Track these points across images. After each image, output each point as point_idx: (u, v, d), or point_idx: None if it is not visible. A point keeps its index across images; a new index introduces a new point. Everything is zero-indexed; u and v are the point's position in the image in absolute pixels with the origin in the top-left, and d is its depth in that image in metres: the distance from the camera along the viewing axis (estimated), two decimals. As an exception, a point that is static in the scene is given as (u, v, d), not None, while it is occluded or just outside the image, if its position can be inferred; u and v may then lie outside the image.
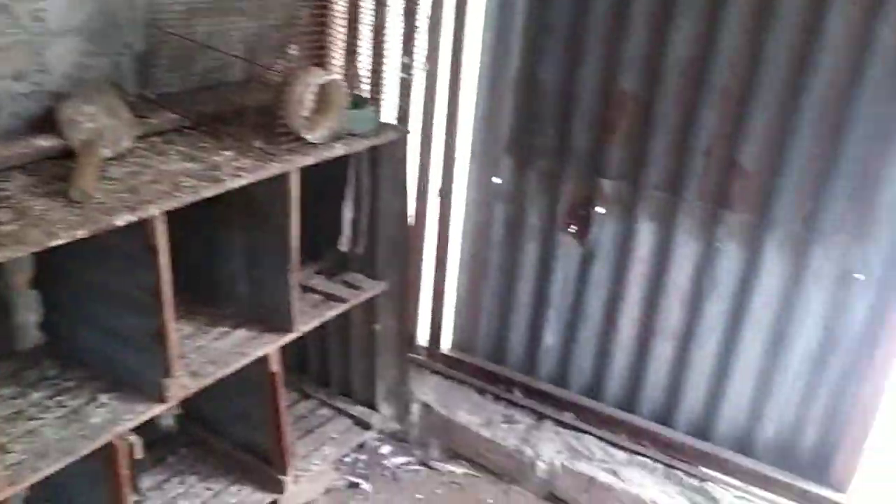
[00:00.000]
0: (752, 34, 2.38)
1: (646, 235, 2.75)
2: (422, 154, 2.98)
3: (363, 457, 3.03)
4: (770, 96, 2.40)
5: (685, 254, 2.70)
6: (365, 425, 3.00)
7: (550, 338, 3.05)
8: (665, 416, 2.91)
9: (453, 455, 3.07)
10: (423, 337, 3.28)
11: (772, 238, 2.55)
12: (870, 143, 2.32)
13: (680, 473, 2.79)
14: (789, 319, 2.61)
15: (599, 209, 2.79)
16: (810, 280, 2.54)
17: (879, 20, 2.20)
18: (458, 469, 3.02)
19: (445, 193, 3.00)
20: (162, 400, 2.09)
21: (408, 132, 2.74)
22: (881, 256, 2.42)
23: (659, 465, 2.83)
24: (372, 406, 3.06)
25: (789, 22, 2.32)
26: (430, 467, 3.03)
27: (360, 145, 2.50)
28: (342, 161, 2.62)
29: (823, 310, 2.56)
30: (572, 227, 2.87)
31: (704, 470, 2.79)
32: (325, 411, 3.04)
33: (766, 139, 2.45)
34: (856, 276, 2.47)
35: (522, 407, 3.07)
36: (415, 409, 3.11)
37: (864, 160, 2.35)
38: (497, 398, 3.13)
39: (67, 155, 2.07)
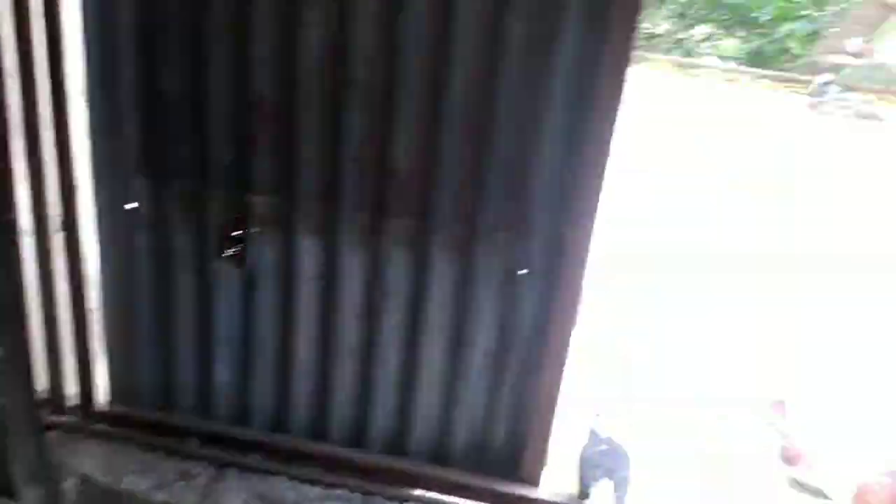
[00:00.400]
0: (384, 26, 2.18)
1: (309, 251, 2.49)
2: (32, 184, 2.45)
3: (7, 557, 2.48)
4: (413, 94, 2.24)
5: (353, 266, 2.49)
6: (2, 521, 2.45)
7: (223, 374, 2.71)
8: (358, 439, 2.71)
9: (124, 529, 2.63)
10: (73, 396, 2.77)
11: (437, 241, 2.41)
12: (516, 137, 2.25)
13: (378, 498, 2.61)
14: (465, 322, 2.51)
15: (255, 228, 2.48)
16: (479, 280, 2.45)
17: (508, 11, 2.10)
18: (132, 544, 2.59)
19: (70, 227, 2.51)
20: None
21: (-1, 162, 2.22)
22: (541, 250, 2.38)
23: (356, 494, 2.63)
24: (10, 494, 2.50)
25: (419, 11, 2.15)
26: (96, 549, 2.56)
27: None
28: None
29: (496, 308, 2.48)
30: (229, 250, 2.53)
31: (403, 490, 2.64)
32: (-57, 516, 2.44)
33: (416, 140, 2.29)
34: (520, 271, 2.42)
35: (201, 458, 2.70)
36: (69, 484, 2.61)
37: (513, 155, 2.27)
38: (170, 452, 2.72)
39: None
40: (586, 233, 2.31)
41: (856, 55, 9.39)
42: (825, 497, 3.41)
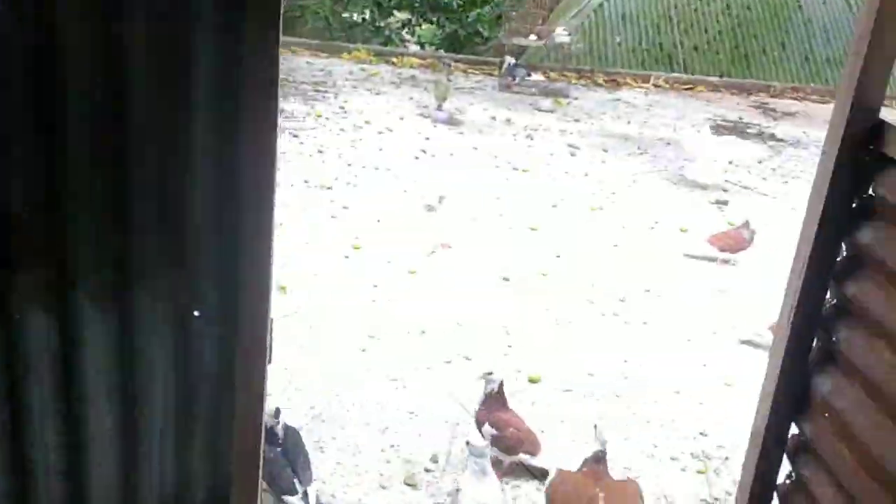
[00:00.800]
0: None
1: (-89, 326, 1.96)
2: None
3: None
4: (17, 118, 1.80)
5: (-23, 336, 2.00)
6: None
7: None
8: (19, 541, 2.22)
9: None
10: None
11: (83, 292, 2.00)
12: (158, 158, 1.91)
13: None
14: (136, 379, 2.13)
15: None
16: (145, 328, 2.08)
17: (122, 12, 1.75)
18: None
19: None
20: None
21: None
22: (211, 286, 2.07)
23: None
24: None
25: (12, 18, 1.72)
26: None
27: None
28: None
29: (170, 358, 2.13)
30: None
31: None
32: None
33: (36, 175, 1.86)
34: (194, 312, 2.10)
35: None
36: None
37: (161, 179, 1.93)
38: None
39: None
40: (264, 260, 2.05)
41: (536, 37, 10.04)
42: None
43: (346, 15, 13.36)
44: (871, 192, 2.07)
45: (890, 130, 2.01)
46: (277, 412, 3.11)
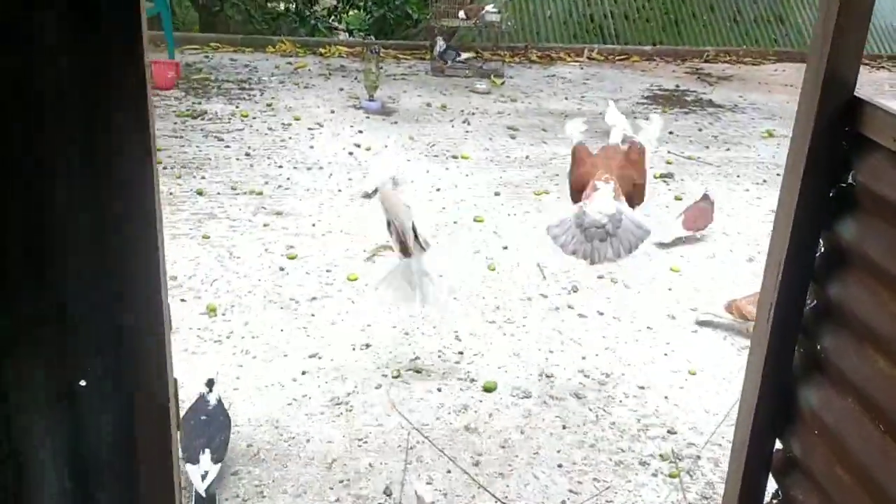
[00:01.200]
0: None
1: None
2: None
3: None
4: None
5: None
6: None
7: None
8: None
9: None
10: None
11: (-63, 371, 1.66)
12: (17, 205, 1.56)
13: None
14: (21, 467, 1.79)
15: None
16: (24, 406, 1.74)
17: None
18: None
19: None
20: None
21: None
22: (98, 349, 1.74)
23: None
24: None
25: None
26: None
27: None
28: None
29: (58, 438, 1.80)
30: None
31: None
32: None
33: None
34: (80, 382, 1.76)
35: None
36: None
37: (24, 232, 1.59)
38: None
39: None
40: (155, 311, 1.72)
41: (465, 16, 9.72)
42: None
43: (270, 5, 12.86)
44: (850, 179, 1.83)
45: (867, 108, 1.77)
46: (210, 382, 3.18)
